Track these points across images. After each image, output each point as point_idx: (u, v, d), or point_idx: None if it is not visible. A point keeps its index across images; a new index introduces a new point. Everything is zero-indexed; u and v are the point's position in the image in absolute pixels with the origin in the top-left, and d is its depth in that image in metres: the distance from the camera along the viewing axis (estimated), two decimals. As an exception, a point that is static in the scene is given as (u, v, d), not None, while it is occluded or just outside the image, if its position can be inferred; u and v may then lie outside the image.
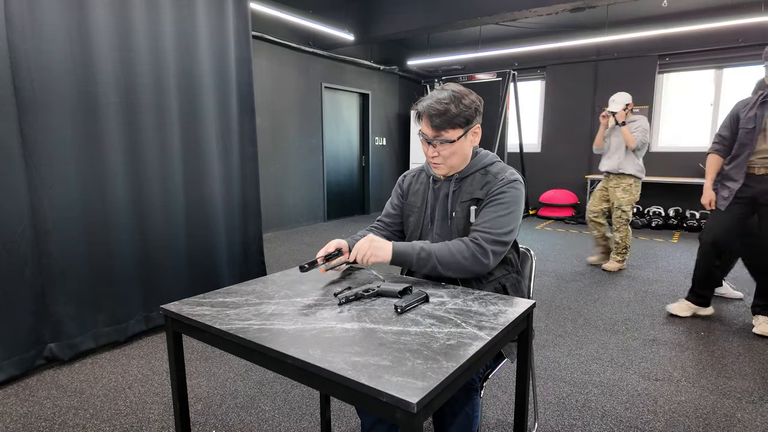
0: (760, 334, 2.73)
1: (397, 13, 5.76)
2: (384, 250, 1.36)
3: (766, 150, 2.63)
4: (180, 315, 1.14)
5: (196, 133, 2.96)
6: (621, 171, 3.99)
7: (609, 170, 4.08)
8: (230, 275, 3.29)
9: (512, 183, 1.40)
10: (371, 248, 1.35)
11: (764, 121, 2.62)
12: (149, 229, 2.74)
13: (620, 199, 4.03)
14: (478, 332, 1.01)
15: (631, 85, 6.65)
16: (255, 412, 1.99)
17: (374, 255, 1.35)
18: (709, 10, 5.89)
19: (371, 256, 1.34)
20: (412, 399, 0.75)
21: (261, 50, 5.64)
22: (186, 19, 2.84)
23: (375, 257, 1.35)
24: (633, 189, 4.01)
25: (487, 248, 1.34)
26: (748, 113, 2.69)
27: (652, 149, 6.68)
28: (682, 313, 3.05)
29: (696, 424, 1.88)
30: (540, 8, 4.83)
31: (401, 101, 8.41)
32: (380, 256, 1.35)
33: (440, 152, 1.40)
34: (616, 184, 4.06)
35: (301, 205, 6.54)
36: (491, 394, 2.12)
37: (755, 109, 2.66)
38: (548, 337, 2.74)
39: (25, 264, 2.23)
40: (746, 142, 2.67)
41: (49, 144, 2.28)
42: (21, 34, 2.14)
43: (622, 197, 4.02)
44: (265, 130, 5.81)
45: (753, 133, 2.64)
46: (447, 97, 1.36)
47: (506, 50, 7.04)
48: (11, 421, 1.91)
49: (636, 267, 4.32)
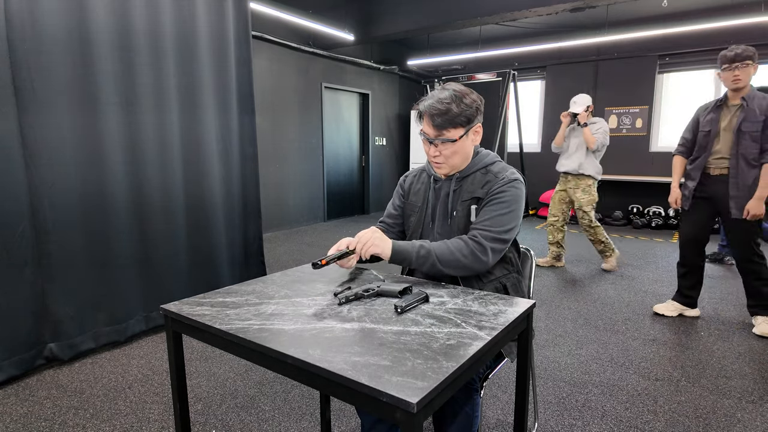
0: (760, 334, 2.74)
1: (397, 13, 5.76)
2: (384, 242, 1.37)
3: (720, 151, 2.75)
4: (180, 315, 1.14)
5: (196, 133, 2.97)
6: (581, 172, 4.05)
7: (568, 170, 4.13)
8: (230, 275, 3.29)
9: (513, 182, 1.40)
10: (373, 237, 1.37)
11: (719, 125, 2.75)
12: (149, 228, 2.74)
13: (581, 200, 4.08)
14: (478, 332, 1.01)
15: (631, 85, 6.65)
16: (255, 412, 1.99)
17: (374, 245, 1.36)
18: (709, 10, 5.89)
19: (372, 246, 1.35)
20: (412, 399, 0.75)
21: (261, 50, 5.64)
22: (186, 19, 2.84)
23: (375, 247, 1.36)
24: (592, 190, 4.08)
25: (486, 246, 1.34)
26: (707, 117, 2.82)
27: (652, 149, 6.68)
28: (668, 312, 3.06)
29: (696, 424, 1.88)
30: (540, 8, 4.83)
31: (401, 101, 8.41)
32: (380, 247, 1.36)
33: (442, 152, 1.41)
34: (575, 185, 4.12)
35: (301, 205, 6.54)
36: (491, 394, 2.12)
37: (712, 113, 2.80)
38: (548, 337, 2.74)
39: (25, 264, 2.23)
40: (704, 144, 2.81)
41: (49, 144, 2.28)
42: (21, 34, 2.15)
43: (583, 198, 4.07)
44: (265, 130, 5.81)
45: (709, 136, 2.77)
46: (448, 96, 1.36)
47: (506, 50, 7.04)
48: (11, 421, 1.91)
49: (636, 267, 4.32)
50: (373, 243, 1.36)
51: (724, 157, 2.74)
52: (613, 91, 6.82)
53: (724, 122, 2.74)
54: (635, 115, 6.69)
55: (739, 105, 2.68)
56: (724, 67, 2.68)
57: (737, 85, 2.65)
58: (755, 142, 2.62)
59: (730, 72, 2.64)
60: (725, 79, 2.69)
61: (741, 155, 2.66)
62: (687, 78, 6.49)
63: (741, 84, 2.64)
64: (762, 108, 2.60)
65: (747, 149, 2.63)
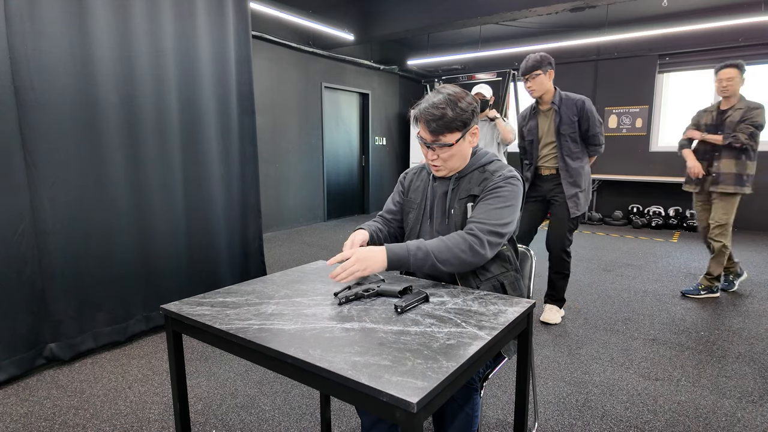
0: (544, 321, 2.94)
1: (397, 13, 5.76)
2: (375, 260, 1.29)
3: (546, 155, 2.93)
4: (180, 315, 1.14)
5: (196, 133, 2.96)
6: None
7: None
8: (230, 275, 3.29)
9: (509, 179, 1.40)
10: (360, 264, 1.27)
11: (539, 131, 2.94)
12: (149, 228, 2.74)
13: None
14: (478, 332, 1.01)
15: (631, 84, 6.65)
16: (255, 412, 1.99)
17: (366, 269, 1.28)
18: (709, 9, 5.89)
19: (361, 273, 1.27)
20: (412, 399, 0.75)
21: (261, 50, 5.63)
22: (186, 19, 2.83)
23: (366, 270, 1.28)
24: None
25: (483, 238, 1.32)
26: (527, 126, 3.03)
27: (652, 149, 6.68)
28: (554, 320, 2.95)
29: (696, 424, 1.88)
30: (540, 8, 4.83)
31: (401, 101, 8.41)
32: (371, 268, 1.28)
33: (439, 155, 1.40)
34: None
35: (301, 205, 6.54)
36: (491, 394, 2.12)
37: (530, 120, 3.00)
38: (548, 337, 2.74)
39: (25, 264, 2.23)
40: (530, 150, 3.03)
41: (49, 144, 2.28)
42: (21, 34, 2.14)
43: None
44: (265, 130, 5.81)
45: (533, 144, 2.99)
46: (443, 100, 1.35)
47: (506, 50, 7.03)
48: (11, 421, 1.91)
49: (636, 267, 4.32)
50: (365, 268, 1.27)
51: (550, 158, 2.91)
52: (613, 91, 6.82)
53: (544, 128, 2.93)
54: (635, 114, 6.69)
55: (551, 109, 2.86)
56: (521, 80, 2.88)
57: (533, 96, 2.86)
58: (575, 142, 2.82)
59: (526, 84, 2.83)
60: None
61: (564, 156, 2.83)
62: (687, 78, 6.49)
63: (535, 94, 2.83)
64: (573, 111, 2.78)
65: (569, 149, 2.82)
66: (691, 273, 4.09)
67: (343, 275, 1.26)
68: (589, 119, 2.75)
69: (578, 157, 2.83)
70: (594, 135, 2.79)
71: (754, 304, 3.27)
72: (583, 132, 2.79)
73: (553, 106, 2.82)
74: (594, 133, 2.78)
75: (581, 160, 2.84)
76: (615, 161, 6.94)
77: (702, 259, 4.56)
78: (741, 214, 6.07)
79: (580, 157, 2.84)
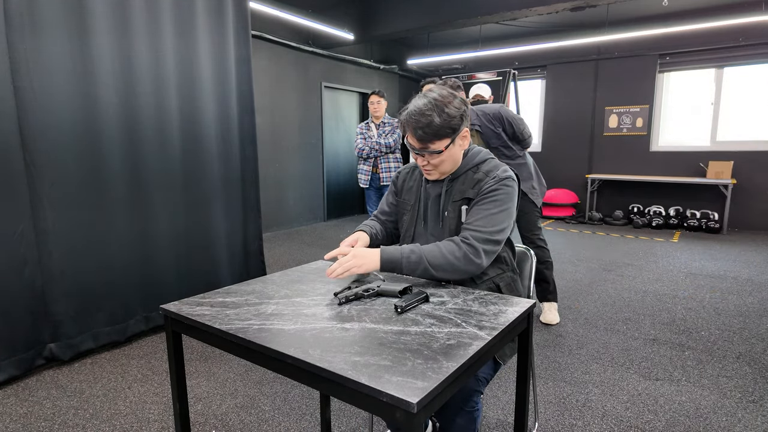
0: (545, 322, 2.93)
1: (397, 13, 5.76)
2: (370, 259, 1.30)
3: None
4: (180, 315, 1.14)
5: (196, 133, 2.96)
6: None
7: None
8: (230, 275, 3.29)
9: (504, 180, 1.36)
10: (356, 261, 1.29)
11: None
12: (149, 228, 2.73)
13: None
14: (478, 332, 1.01)
15: (632, 84, 6.65)
16: (255, 412, 1.99)
17: (359, 266, 1.29)
18: (709, 9, 5.89)
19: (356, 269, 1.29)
20: (412, 399, 0.75)
21: (261, 50, 5.63)
22: (185, 19, 2.83)
23: (359, 268, 1.29)
24: None
25: (479, 247, 1.30)
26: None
27: (653, 149, 6.68)
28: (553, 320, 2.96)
29: (696, 424, 1.88)
30: (540, 7, 4.82)
31: (401, 101, 8.41)
32: (365, 266, 1.30)
33: (430, 161, 1.37)
34: None
35: (301, 205, 6.54)
36: (491, 394, 2.12)
37: None
38: (548, 337, 2.74)
39: (24, 264, 2.23)
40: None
41: (49, 144, 2.27)
42: (21, 34, 2.14)
43: None
44: (265, 130, 5.81)
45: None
46: (429, 107, 1.29)
47: (506, 49, 7.03)
48: (11, 421, 1.91)
49: (636, 267, 4.32)
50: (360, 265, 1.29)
51: None
52: (613, 91, 6.81)
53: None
54: (635, 114, 6.68)
55: (473, 130, 2.83)
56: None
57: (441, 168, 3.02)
58: (508, 147, 2.87)
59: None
60: None
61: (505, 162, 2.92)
62: (687, 77, 6.49)
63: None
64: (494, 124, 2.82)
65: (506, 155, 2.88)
66: (692, 273, 4.09)
67: (339, 270, 1.27)
68: (512, 124, 2.81)
69: (517, 156, 2.89)
70: (521, 132, 2.84)
71: (754, 304, 3.27)
72: (511, 136, 2.85)
73: (474, 128, 2.86)
74: (520, 131, 2.84)
75: (521, 157, 2.91)
76: (615, 161, 6.93)
77: (702, 259, 4.56)
78: (741, 213, 6.08)
79: (519, 155, 2.90)
